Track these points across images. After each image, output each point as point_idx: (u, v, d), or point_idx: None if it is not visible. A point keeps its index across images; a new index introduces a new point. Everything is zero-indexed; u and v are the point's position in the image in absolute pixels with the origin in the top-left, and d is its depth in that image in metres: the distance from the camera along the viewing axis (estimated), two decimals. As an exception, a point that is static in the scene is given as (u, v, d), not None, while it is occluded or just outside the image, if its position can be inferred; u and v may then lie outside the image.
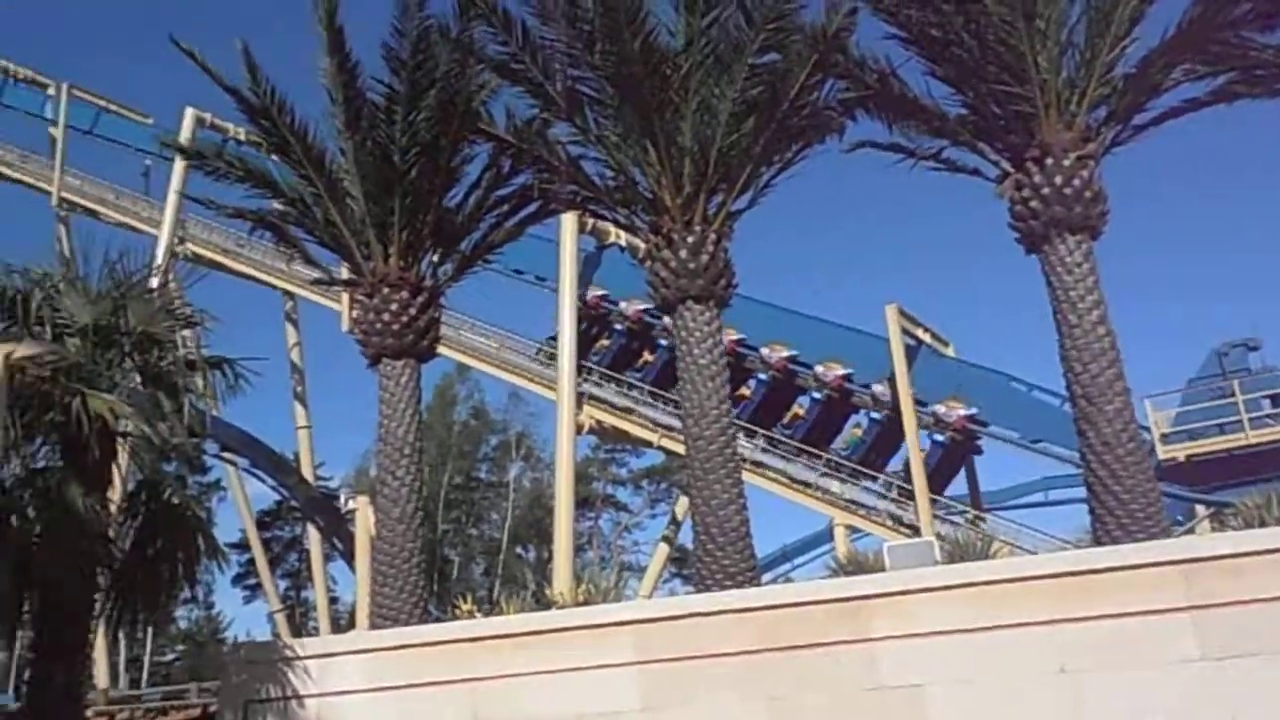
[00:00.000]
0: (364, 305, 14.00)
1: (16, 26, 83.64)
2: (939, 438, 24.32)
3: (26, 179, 36.83)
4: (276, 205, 15.01)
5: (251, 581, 46.18)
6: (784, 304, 27.20)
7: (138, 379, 10.96)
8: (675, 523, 32.32)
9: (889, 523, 23.77)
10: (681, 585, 49.92)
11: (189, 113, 33.88)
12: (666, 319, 28.26)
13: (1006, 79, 12.19)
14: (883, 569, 10.97)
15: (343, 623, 40.97)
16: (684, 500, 32.77)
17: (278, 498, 38.91)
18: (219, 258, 33.16)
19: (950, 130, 13.02)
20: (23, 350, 8.64)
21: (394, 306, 13.77)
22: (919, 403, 23.85)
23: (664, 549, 32.60)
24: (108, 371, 10.60)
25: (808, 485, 25.43)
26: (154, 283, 12.30)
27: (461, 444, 49.18)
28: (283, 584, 46.90)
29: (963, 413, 24.05)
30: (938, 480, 24.32)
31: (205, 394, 11.26)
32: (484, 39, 13.41)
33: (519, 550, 52.67)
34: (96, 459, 10.10)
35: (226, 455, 31.19)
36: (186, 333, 11.40)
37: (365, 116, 13.78)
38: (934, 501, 23.09)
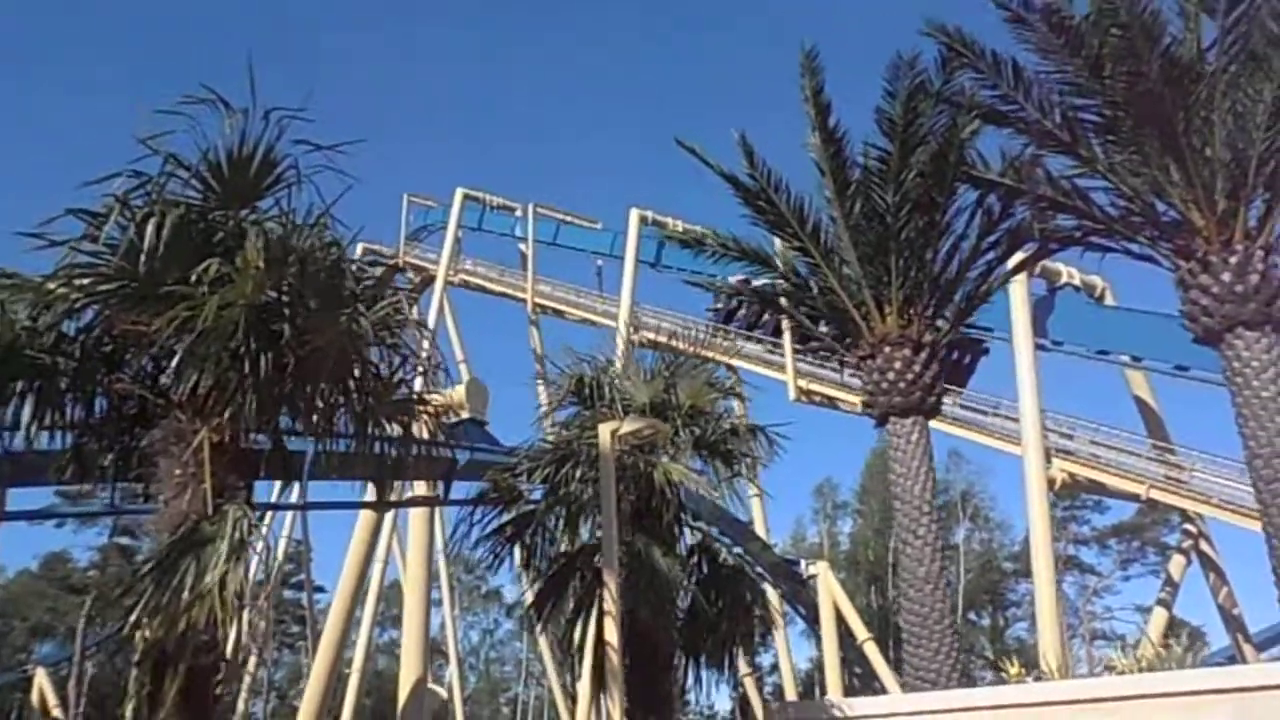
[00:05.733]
0: (867, 367, 14.19)
1: (486, 163, 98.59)
2: None
3: (506, 290, 42.41)
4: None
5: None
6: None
7: (690, 449, 11.85)
8: (1171, 585, 28.95)
9: None
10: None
11: (634, 213, 37.45)
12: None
13: None
14: None
15: (800, 688, 41.13)
16: (1178, 560, 29.36)
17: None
18: (667, 340, 35.72)
19: None
20: (626, 426, 9.73)
21: (897, 365, 13.81)
22: None
23: (1161, 614, 29.16)
24: (666, 444, 11.56)
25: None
26: (617, 365, 13.07)
27: (904, 507, 48.08)
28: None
29: None
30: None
31: (755, 459, 11.91)
32: (971, 86, 13.31)
33: (970, 616, 50.09)
34: (669, 522, 11.02)
35: (698, 524, 32.97)
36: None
37: (854, 182, 14.14)
38: None
